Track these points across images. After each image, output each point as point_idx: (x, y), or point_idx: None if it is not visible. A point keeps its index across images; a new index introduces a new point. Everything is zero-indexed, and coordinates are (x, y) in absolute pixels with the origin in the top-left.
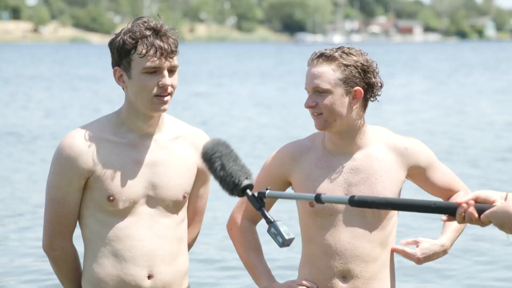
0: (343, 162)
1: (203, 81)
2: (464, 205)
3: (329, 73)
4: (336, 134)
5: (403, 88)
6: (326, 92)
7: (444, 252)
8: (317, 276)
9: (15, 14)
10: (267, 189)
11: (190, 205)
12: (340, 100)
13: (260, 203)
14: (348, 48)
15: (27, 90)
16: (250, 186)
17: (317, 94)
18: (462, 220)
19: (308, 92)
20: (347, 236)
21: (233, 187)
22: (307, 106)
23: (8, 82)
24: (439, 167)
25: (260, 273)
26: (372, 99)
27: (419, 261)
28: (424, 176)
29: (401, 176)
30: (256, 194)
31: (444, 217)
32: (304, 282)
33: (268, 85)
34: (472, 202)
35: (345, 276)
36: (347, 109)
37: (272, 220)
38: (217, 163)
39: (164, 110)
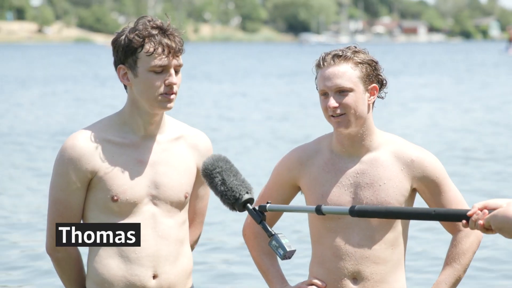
0: (350, 165)
1: (222, 81)
2: (479, 212)
3: (349, 71)
4: (349, 135)
5: (434, 88)
6: (349, 90)
7: None
8: (327, 277)
9: (20, 14)
10: (267, 202)
11: (191, 206)
12: (362, 98)
13: (261, 217)
14: (355, 47)
15: (60, 91)
16: (250, 200)
17: (338, 94)
18: (467, 225)
19: (326, 94)
20: (356, 238)
21: (234, 201)
22: (332, 106)
23: (36, 83)
24: (446, 187)
25: (273, 276)
26: (381, 96)
27: None
28: (429, 193)
29: (406, 186)
30: (257, 208)
31: (463, 222)
32: (313, 281)
33: (293, 85)
34: (485, 210)
35: (356, 278)
36: (367, 106)
37: (273, 233)
38: (218, 178)
39: (170, 108)
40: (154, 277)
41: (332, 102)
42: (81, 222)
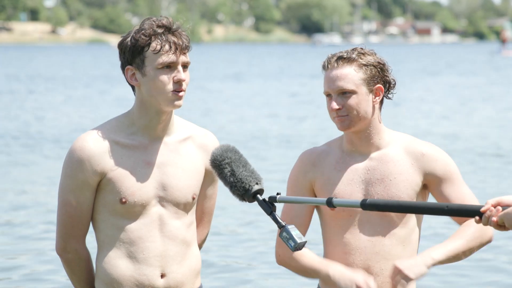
0: (360, 162)
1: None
2: (492, 208)
3: (352, 73)
4: (356, 134)
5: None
6: (351, 92)
7: (428, 262)
8: None
9: (33, 15)
10: (277, 193)
11: (199, 206)
12: (365, 99)
13: (271, 208)
14: (361, 48)
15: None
16: (260, 191)
17: (341, 96)
18: (480, 221)
19: (330, 95)
20: (366, 234)
21: (243, 192)
22: (334, 108)
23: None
24: (457, 183)
25: (319, 267)
26: (388, 96)
27: (406, 277)
28: (439, 188)
29: (417, 180)
30: (266, 198)
31: (476, 218)
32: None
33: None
34: (498, 206)
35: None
36: (371, 107)
37: (284, 224)
38: (227, 169)
39: (179, 106)
40: (162, 276)
41: (334, 104)
42: (90, 223)
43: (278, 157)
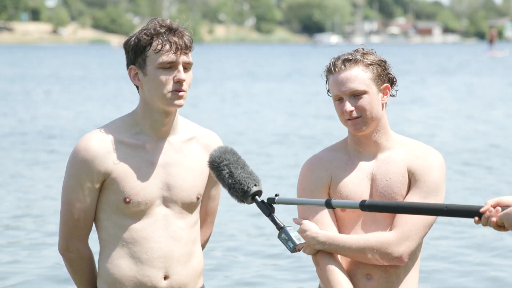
0: (367, 162)
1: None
2: (492, 209)
3: (361, 74)
4: (365, 135)
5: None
6: (363, 93)
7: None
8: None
9: (35, 15)
10: (276, 195)
11: (202, 206)
12: (376, 99)
13: (269, 209)
14: (362, 49)
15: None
16: (259, 193)
17: (352, 98)
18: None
19: (341, 98)
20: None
21: (242, 194)
22: (348, 111)
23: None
24: (422, 195)
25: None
26: (391, 93)
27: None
28: (410, 190)
29: (406, 179)
30: (265, 200)
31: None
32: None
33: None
34: (498, 207)
35: (370, 274)
36: (381, 107)
37: (283, 226)
38: (225, 171)
39: (180, 106)
40: (165, 278)
41: (348, 106)
42: (93, 223)
43: (289, 156)
